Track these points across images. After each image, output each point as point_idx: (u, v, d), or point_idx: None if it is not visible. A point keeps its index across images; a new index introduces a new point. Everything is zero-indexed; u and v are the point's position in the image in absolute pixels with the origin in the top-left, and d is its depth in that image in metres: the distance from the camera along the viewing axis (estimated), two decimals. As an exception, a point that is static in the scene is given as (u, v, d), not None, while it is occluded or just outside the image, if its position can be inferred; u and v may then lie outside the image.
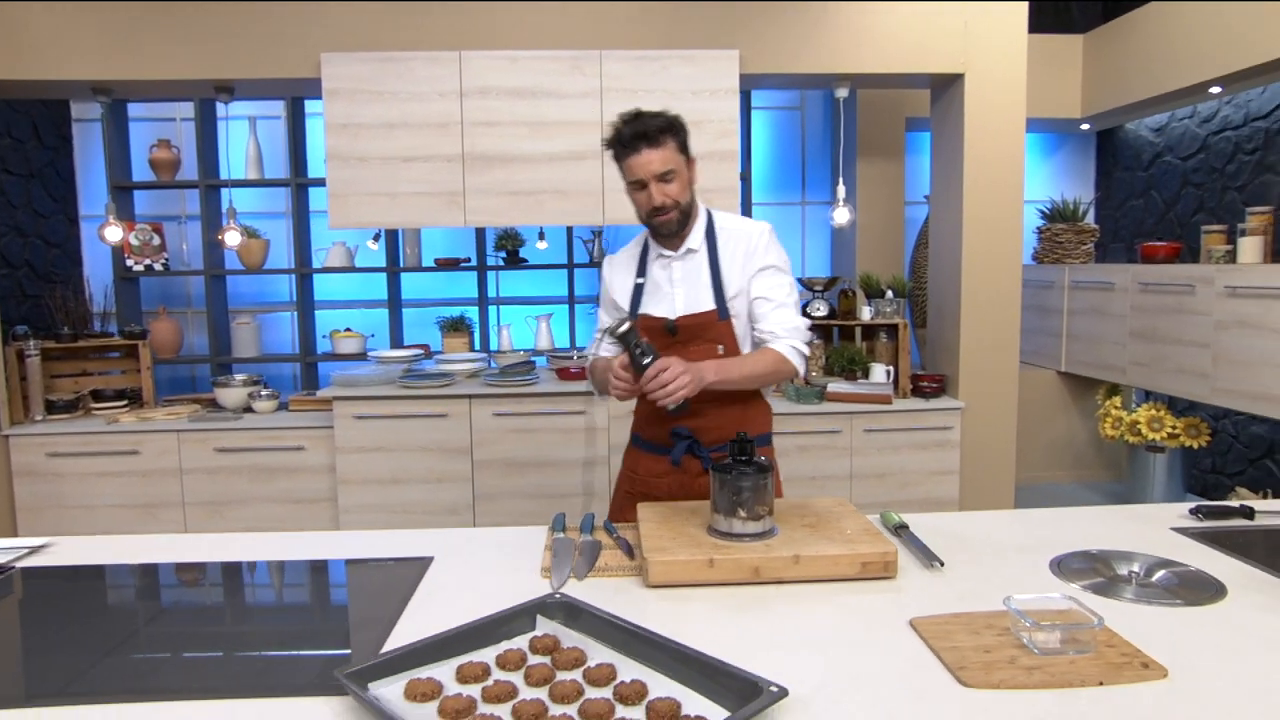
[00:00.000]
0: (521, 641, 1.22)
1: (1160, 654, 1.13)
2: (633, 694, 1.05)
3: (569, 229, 4.65)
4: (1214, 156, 4.35)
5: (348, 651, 1.27)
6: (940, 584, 1.42)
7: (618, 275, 1.96)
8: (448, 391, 3.54)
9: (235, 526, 3.61)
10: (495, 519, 3.58)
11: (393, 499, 3.55)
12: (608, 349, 1.93)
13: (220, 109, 4.34)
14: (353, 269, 4.55)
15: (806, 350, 1.85)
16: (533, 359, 4.10)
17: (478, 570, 1.54)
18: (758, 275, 1.83)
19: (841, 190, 3.83)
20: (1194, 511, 1.73)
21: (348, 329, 4.67)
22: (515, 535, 1.74)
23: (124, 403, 3.78)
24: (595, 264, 4.63)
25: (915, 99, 4.65)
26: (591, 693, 1.07)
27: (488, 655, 1.17)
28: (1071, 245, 4.81)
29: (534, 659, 1.16)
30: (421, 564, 1.57)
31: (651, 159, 1.74)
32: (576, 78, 3.49)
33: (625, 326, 1.61)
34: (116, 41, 3.42)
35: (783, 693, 0.99)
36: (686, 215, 1.83)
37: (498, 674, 1.12)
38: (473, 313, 4.80)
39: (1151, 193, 4.82)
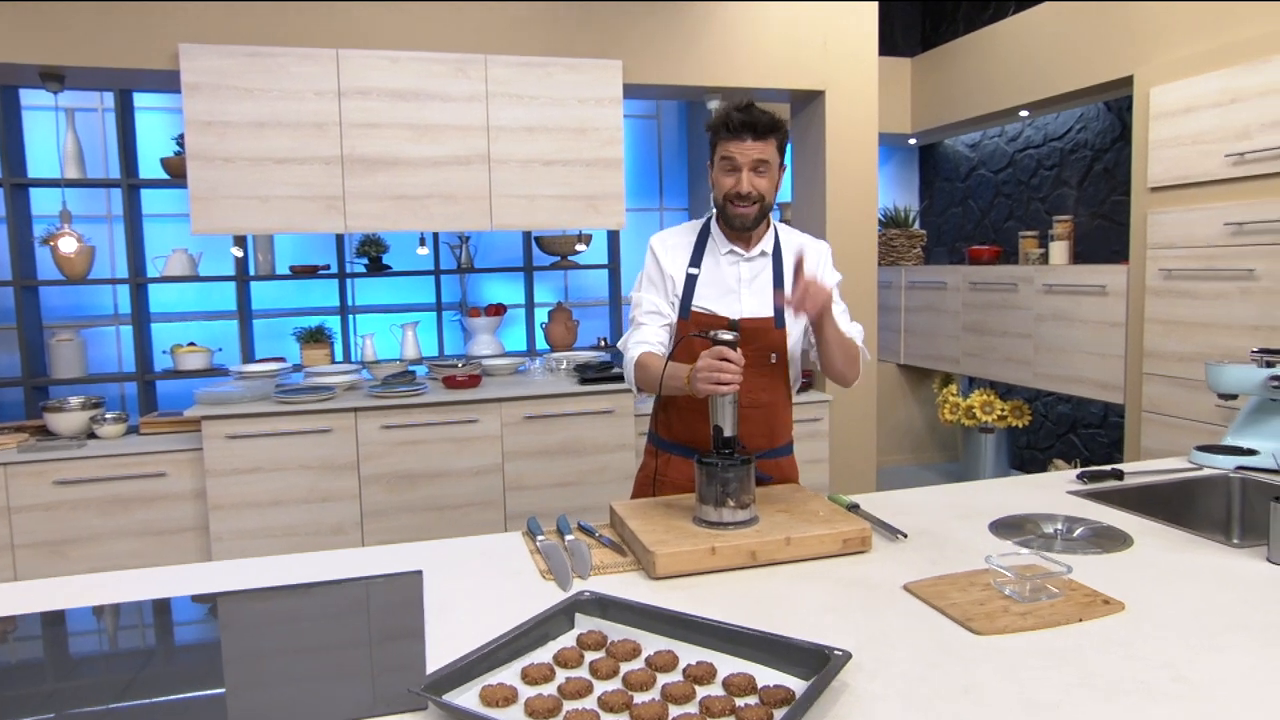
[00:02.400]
0: (567, 640, 1.26)
1: (1108, 591, 1.37)
2: (704, 674, 1.13)
3: (435, 235, 4.57)
4: (1020, 171, 5.02)
5: (396, 670, 1.25)
6: (909, 552, 1.61)
7: (674, 258, 1.95)
8: (330, 405, 3.39)
9: (79, 568, 3.26)
10: (385, 537, 3.48)
11: (273, 522, 3.35)
12: (650, 343, 1.91)
13: (24, 97, 3.87)
14: (197, 278, 4.22)
15: (868, 356, 1.98)
16: (411, 368, 4.00)
17: (475, 579, 1.55)
18: (832, 289, 1.90)
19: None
20: (1080, 477, 2.05)
21: (191, 343, 4.31)
22: (492, 543, 1.75)
23: (-68, 435, 3.29)
24: (462, 270, 4.58)
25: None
26: (663, 678, 1.14)
27: (544, 656, 1.21)
28: (904, 249, 5.35)
29: (591, 655, 1.21)
30: (413, 579, 1.55)
31: (753, 148, 1.78)
32: (461, 81, 3.46)
33: (733, 337, 1.62)
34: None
35: (847, 655, 1.12)
36: (764, 213, 1.88)
37: (564, 672, 1.16)
38: (332, 322, 4.59)
39: (969, 201, 5.47)
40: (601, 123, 3.65)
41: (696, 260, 1.95)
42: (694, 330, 1.87)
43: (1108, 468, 2.09)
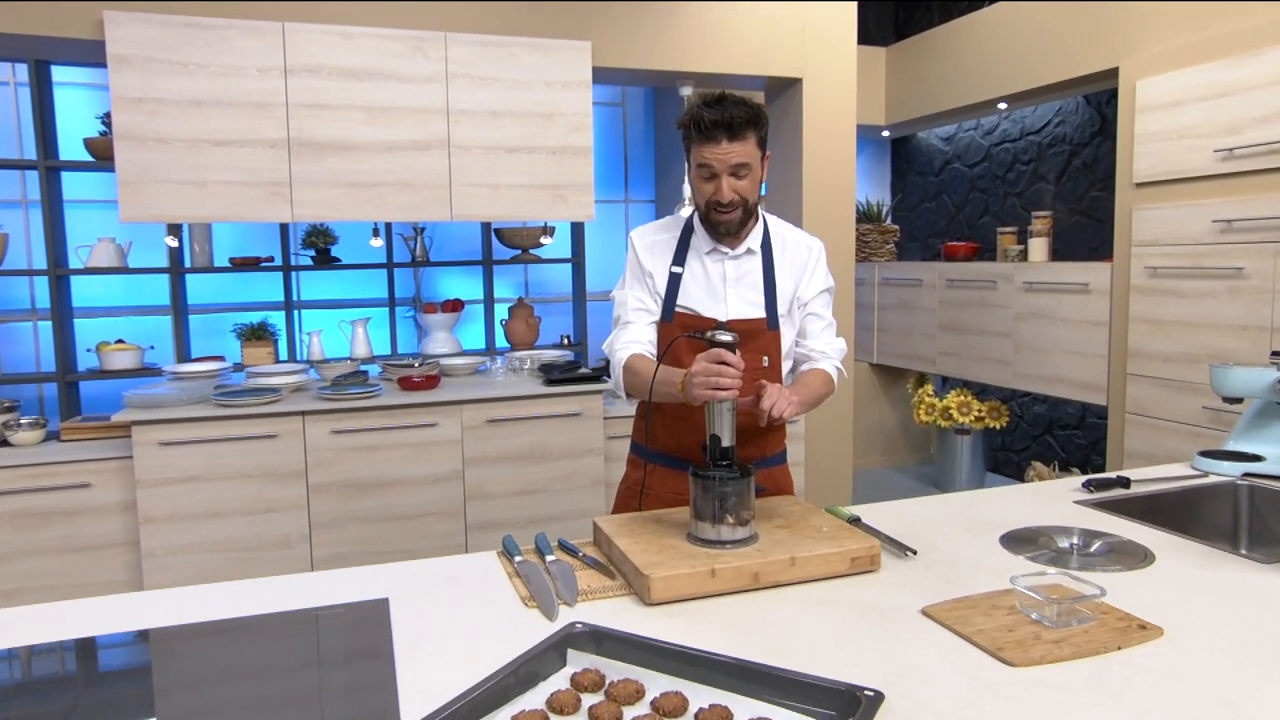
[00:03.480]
0: (560, 680, 1.15)
1: (1141, 614, 1.31)
2: None
3: (388, 226, 4.40)
4: (996, 165, 5.03)
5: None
6: (920, 571, 1.53)
7: (656, 257, 1.85)
8: (275, 409, 3.21)
9: (-7, 589, 3.04)
10: (336, 549, 3.31)
11: (211, 536, 3.16)
12: (639, 342, 1.81)
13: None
14: (126, 270, 3.98)
15: (846, 372, 1.92)
16: (363, 368, 3.84)
17: (449, 608, 1.43)
18: (815, 297, 1.86)
19: (687, 189, 3.96)
20: (1086, 485, 2.00)
21: (119, 340, 4.07)
22: (465, 565, 1.63)
23: None
24: (417, 263, 4.42)
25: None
26: (675, 725, 1.04)
27: (535, 700, 1.10)
28: (877, 244, 5.33)
29: (589, 698, 1.10)
30: (379, 608, 1.42)
31: (730, 151, 1.66)
32: (419, 60, 3.31)
33: (732, 338, 1.54)
34: None
35: (879, 696, 1.03)
36: (749, 215, 1.77)
37: (559, 719, 1.06)
38: (275, 318, 4.39)
39: (943, 196, 5.47)
40: (569, 108, 3.53)
41: (680, 258, 1.85)
42: (680, 333, 1.77)
43: (1113, 475, 2.04)
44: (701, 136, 1.68)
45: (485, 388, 3.57)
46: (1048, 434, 4.83)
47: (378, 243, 4.32)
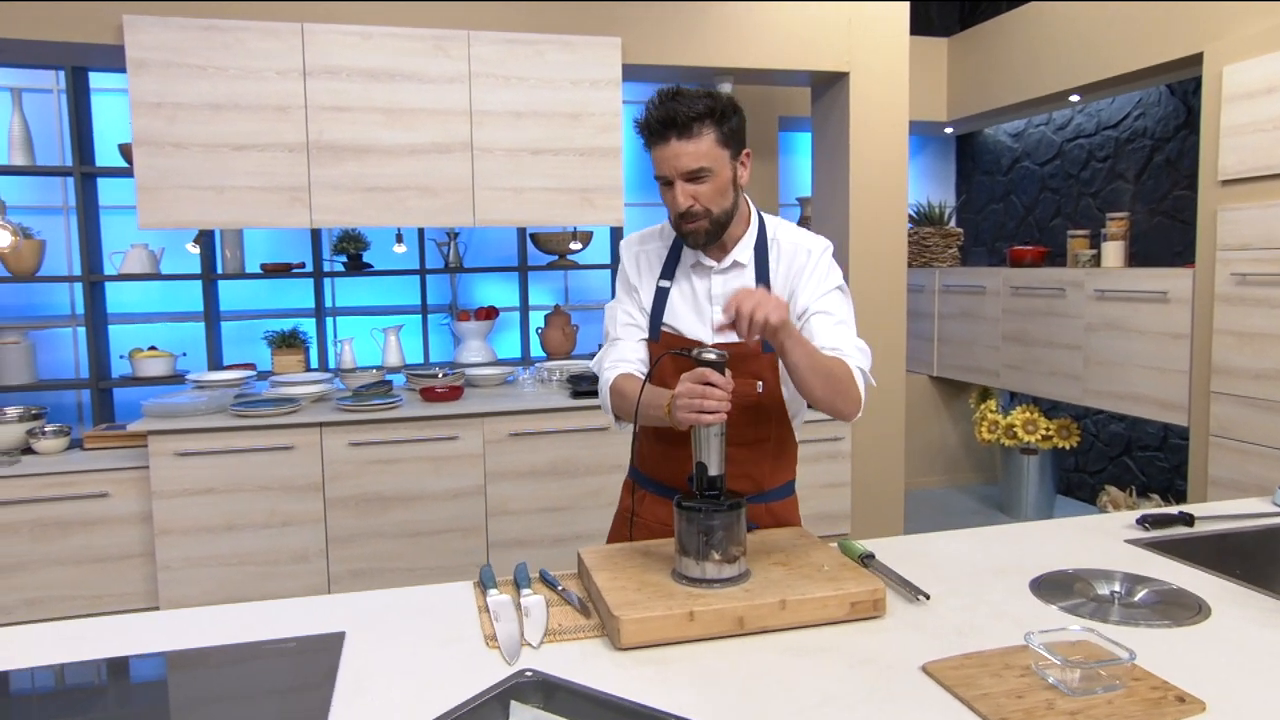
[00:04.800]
0: (497, 737, 1.07)
1: (1182, 683, 1.16)
2: (660, 793, 0.93)
3: (420, 231, 4.40)
4: (1069, 163, 4.78)
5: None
6: (932, 619, 1.40)
7: (644, 269, 1.73)
8: (292, 419, 3.22)
9: (12, 600, 3.12)
10: (353, 564, 3.31)
11: (227, 549, 3.19)
12: (628, 360, 1.69)
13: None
14: (158, 276, 4.07)
15: (871, 381, 1.60)
16: (389, 377, 3.84)
17: (408, 645, 1.36)
18: (819, 297, 1.63)
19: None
20: (1140, 522, 1.83)
21: (152, 347, 4.17)
22: (439, 595, 1.57)
23: None
24: (450, 269, 4.41)
25: (788, 97, 4.79)
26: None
27: (463, 760, 1.02)
28: (938, 249, 5.12)
29: (523, 759, 1.02)
30: (332, 642, 1.36)
31: (680, 152, 1.50)
32: (441, 60, 3.29)
33: (718, 357, 1.40)
34: None
35: (843, 775, 0.92)
36: (721, 226, 1.59)
37: (484, 785, 0.97)
38: (308, 325, 4.43)
39: (1011, 197, 5.23)
40: (598, 107, 3.46)
41: (669, 272, 1.72)
42: (665, 351, 1.65)
43: (1174, 510, 1.87)
44: (651, 138, 1.54)
45: (510, 399, 3.52)
46: (1125, 455, 4.55)
47: (401, 249, 4.33)
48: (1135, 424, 4.47)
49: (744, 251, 1.69)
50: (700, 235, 1.59)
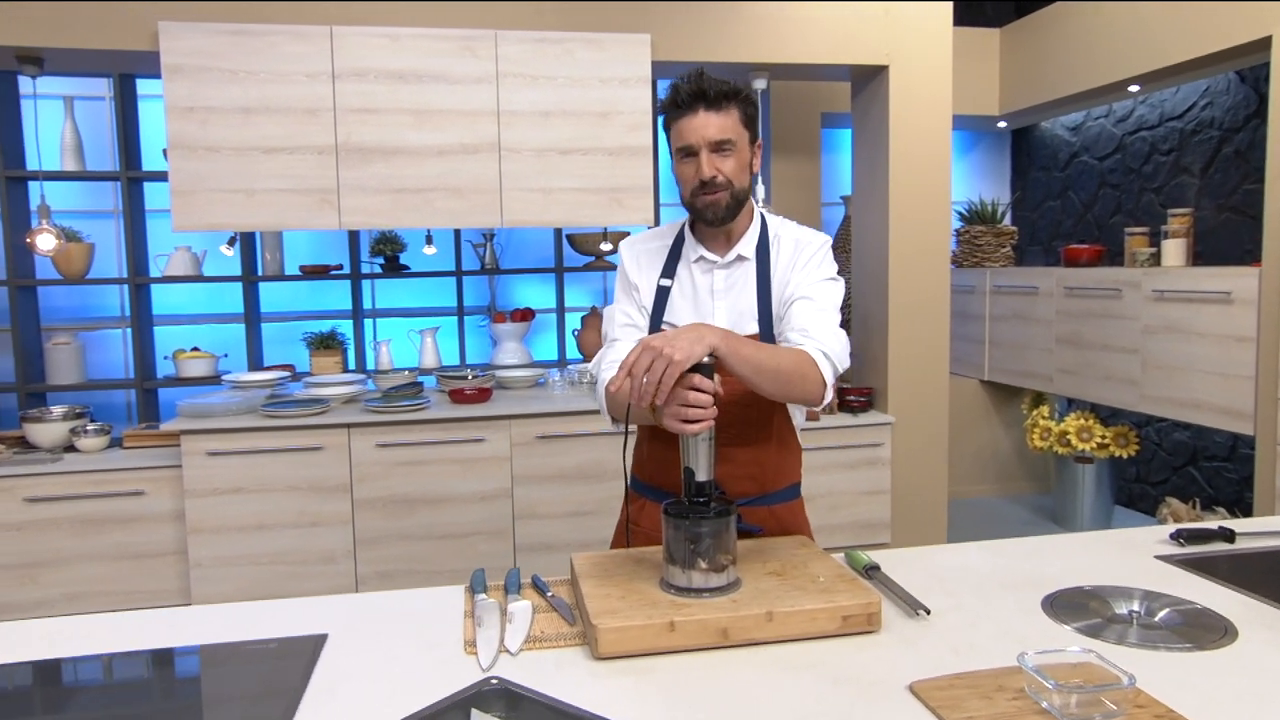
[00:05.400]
0: (453, 746, 1.05)
1: (1191, 711, 1.08)
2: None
3: (456, 232, 4.45)
4: (1130, 157, 4.60)
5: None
6: (929, 635, 1.35)
7: (644, 268, 1.74)
8: (321, 420, 3.28)
9: (53, 594, 3.23)
10: (381, 565, 3.34)
11: (257, 548, 3.25)
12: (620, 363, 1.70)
13: (25, 85, 3.90)
14: (200, 278, 4.19)
15: (840, 368, 1.58)
16: (420, 379, 3.88)
17: (386, 648, 1.36)
18: (808, 285, 1.64)
19: (761, 191, 3.80)
20: (1175, 536, 1.73)
21: (195, 348, 4.29)
22: (429, 599, 1.56)
23: (-94, 445, 3.31)
24: (486, 271, 4.44)
25: (831, 93, 4.71)
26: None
27: (413, 770, 1.00)
28: (991, 248, 4.98)
29: (474, 771, 1.00)
30: (312, 644, 1.37)
31: (709, 122, 1.55)
32: (468, 60, 3.31)
33: (706, 360, 1.39)
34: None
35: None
36: (739, 203, 1.62)
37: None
38: (345, 327, 4.51)
39: (1069, 193, 5.05)
40: (627, 105, 3.45)
41: (670, 270, 1.73)
42: None
43: (1214, 525, 1.77)
44: (678, 110, 1.60)
45: (539, 402, 3.52)
46: (1191, 466, 4.35)
47: (430, 250, 4.37)
48: (1201, 433, 4.27)
49: (748, 246, 1.70)
50: (720, 208, 1.61)
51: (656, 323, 1.71)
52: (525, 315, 4.49)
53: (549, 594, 1.54)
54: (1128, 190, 4.62)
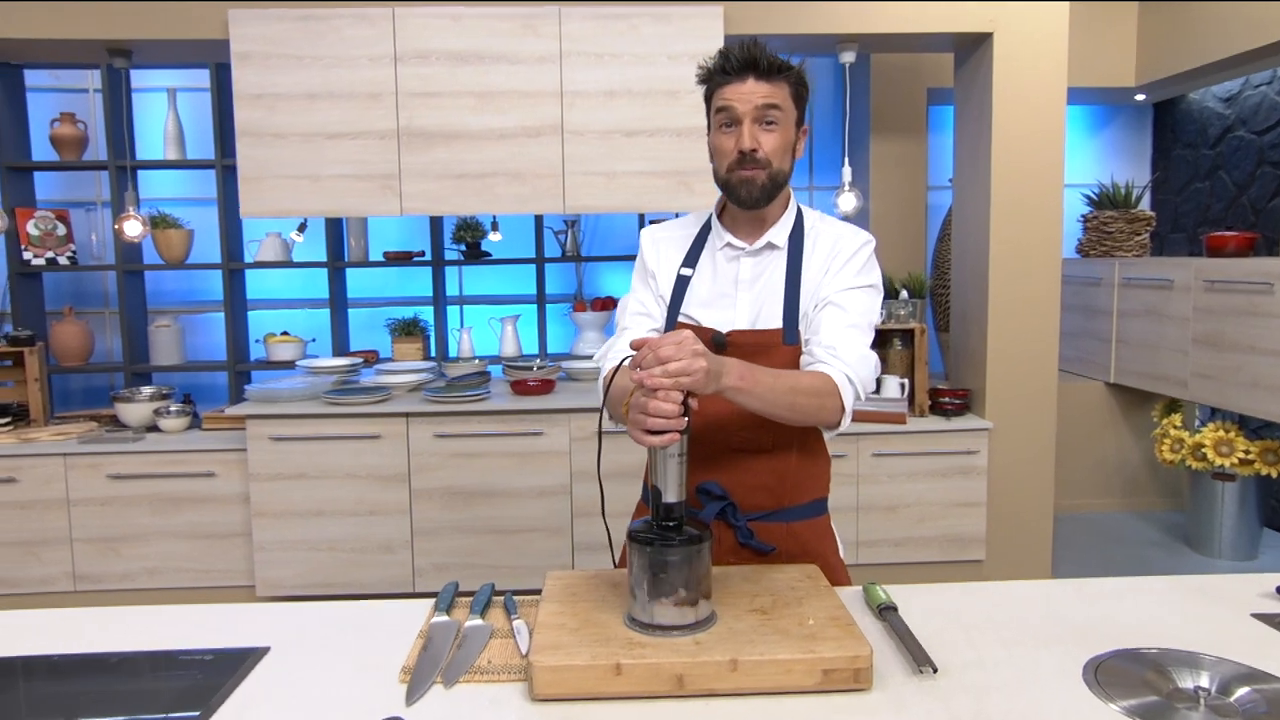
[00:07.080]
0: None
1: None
2: None
3: (538, 218, 4.37)
4: (1293, 131, 4.02)
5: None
6: (929, 701, 1.13)
7: (663, 253, 1.63)
8: (381, 409, 3.26)
9: (133, 567, 3.37)
10: (436, 558, 3.31)
11: (316, 535, 3.28)
12: (627, 353, 1.59)
13: (135, 78, 4.09)
14: (288, 264, 4.29)
15: (864, 393, 1.48)
16: (488, 369, 3.83)
17: (323, 666, 1.26)
18: (842, 290, 1.51)
19: (848, 173, 3.53)
20: (1280, 589, 1.42)
21: (285, 332, 4.40)
22: (390, 613, 1.46)
23: (7, 420, 3.52)
24: (569, 258, 4.35)
25: (939, 66, 4.34)
26: None
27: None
28: (1123, 236, 4.48)
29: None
30: (248, 658, 1.28)
31: (757, 90, 1.44)
32: (530, 39, 3.21)
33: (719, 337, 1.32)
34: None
35: None
36: (776, 186, 1.50)
37: None
38: (428, 314, 4.53)
39: (1220, 174, 4.48)
40: (696, 84, 3.24)
41: (692, 259, 1.60)
42: None
43: (1335, 576, 1.44)
44: (724, 77, 1.47)
45: (602, 395, 3.39)
46: (1358, 488, 3.77)
47: (496, 237, 4.31)
48: (1371, 450, 3.68)
49: (780, 234, 1.56)
50: (755, 186, 1.48)
51: (674, 313, 1.58)
52: (607, 304, 4.37)
53: (514, 617, 1.41)
54: (1289, 169, 4.05)
